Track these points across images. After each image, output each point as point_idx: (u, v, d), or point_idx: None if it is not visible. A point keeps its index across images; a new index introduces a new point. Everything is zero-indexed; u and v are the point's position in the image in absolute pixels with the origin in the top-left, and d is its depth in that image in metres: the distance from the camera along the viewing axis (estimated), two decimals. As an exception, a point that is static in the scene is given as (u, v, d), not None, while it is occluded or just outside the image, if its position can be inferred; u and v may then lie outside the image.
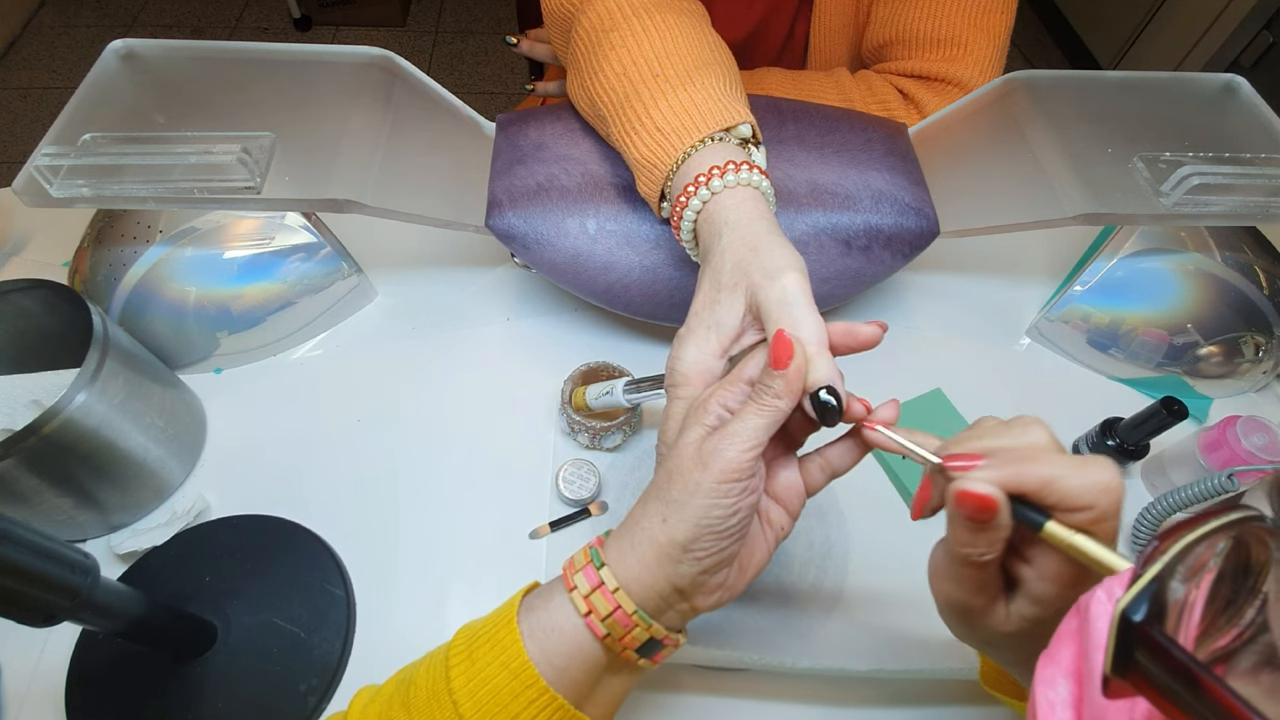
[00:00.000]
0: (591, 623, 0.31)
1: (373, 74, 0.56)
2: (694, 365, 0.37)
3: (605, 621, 0.31)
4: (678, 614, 0.33)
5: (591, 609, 0.31)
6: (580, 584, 0.32)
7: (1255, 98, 0.59)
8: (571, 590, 0.32)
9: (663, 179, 0.45)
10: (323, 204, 0.49)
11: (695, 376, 0.36)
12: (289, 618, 0.46)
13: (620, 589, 0.31)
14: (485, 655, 0.31)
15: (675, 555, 0.31)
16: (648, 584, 0.31)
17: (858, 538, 0.52)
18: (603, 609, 0.31)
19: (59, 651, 0.45)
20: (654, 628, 0.32)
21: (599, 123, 0.52)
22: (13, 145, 1.87)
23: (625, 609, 0.31)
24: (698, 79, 0.45)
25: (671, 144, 0.44)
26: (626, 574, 0.32)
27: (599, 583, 0.32)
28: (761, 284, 0.35)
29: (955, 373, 0.61)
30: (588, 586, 0.32)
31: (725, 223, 0.40)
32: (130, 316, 0.54)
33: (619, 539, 0.33)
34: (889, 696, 0.47)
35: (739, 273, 0.37)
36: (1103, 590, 0.21)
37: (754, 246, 0.37)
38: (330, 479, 0.54)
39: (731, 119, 0.44)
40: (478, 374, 0.60)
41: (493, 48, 2.20)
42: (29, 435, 0.41)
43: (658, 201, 0.47)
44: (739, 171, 0.41)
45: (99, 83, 0.53)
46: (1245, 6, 1.64)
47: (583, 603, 0.31)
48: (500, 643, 0.31)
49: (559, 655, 0.31)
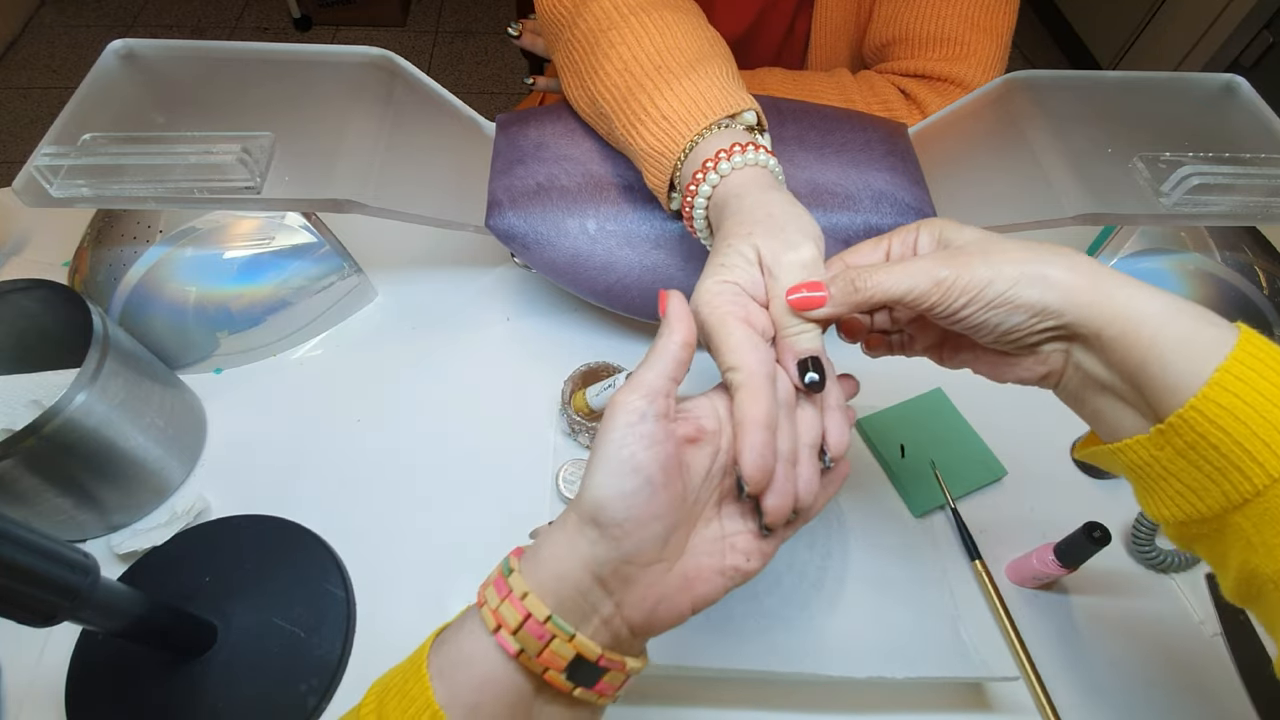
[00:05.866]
0: (502, 639, 0.27)
1: (373, 74, 0.56)
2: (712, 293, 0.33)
3: (516, 635, 0.27)
4: (605, 625, 0.29)
5: (500, 623, 0.27)
6: (490, 598, 0.28)
7: (1255, 98, 0.59)
8: (481, 607, 0.28)
9: (671, 168, 0.44)
10: (323, 204, 0.49)
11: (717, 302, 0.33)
12: (289, 618, 0.46)
13: (530, 594, 0.27)
14: (395, 708, 0.27)
15: (589, 532, 0.28)
16: (564, 577, 0.28)
17: (858, 538, 0.52)
18: (512, 620, 0.27)
19: (59, 651, 0.45)
20: (577, 639, 0.27)
21: (601, 121, 0.52)
22: (13, 145, 1.87)
23: (536, 616, 0.27)
24: (700, 69, 0.46)
25: (679, 131, 0.44)
26: (542, 573, 0.28)
27: (508, 591, 0.28)
28: (779, 251, 0.34)
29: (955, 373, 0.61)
30: (496, 599, 0.28)
31: (737, 196, 0.39)
32: (130, 316, 0.54)
33: (537, 542, 0.30)
34: (889, 704, 0.47)
35: (753, 236, 0.35)
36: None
37: (770, 213, 0.36)
38: (330, 479, 0.54)
39: (737, 105, 0.44)
40: (478, 374, 0.60)
41: (493, 48, 2.20)
42: (29, 435, 0.41)
43: (667, 193, 0.47)
44: (745, 152, 0.41)
45: (99, 83, 0.53)
46: (1245, 6, 1.64)
47: (491, 618, 0.27)
48: (408, 693, 0.27)
49: (468, 690, 0.27)
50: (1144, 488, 0.30)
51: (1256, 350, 0.27)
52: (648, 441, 0.28)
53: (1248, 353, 0.27)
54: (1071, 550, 0.47)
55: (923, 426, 0.57)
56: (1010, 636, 0.48)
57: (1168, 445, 0.28)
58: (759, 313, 0.34)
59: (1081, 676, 0.48)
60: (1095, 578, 0.52)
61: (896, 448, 0.56)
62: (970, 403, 0.59)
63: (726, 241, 0.36)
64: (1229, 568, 0.29)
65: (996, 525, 0.54)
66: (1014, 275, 0.30)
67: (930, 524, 0.54)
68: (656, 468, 0.28)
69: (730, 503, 0.33)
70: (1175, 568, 0.52)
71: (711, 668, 0.44)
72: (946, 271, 0.31)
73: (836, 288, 0.33)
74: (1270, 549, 0.27)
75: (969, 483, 0.55)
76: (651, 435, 0.28)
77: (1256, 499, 0.27)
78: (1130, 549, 0.53)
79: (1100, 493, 0.56)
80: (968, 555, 0.52)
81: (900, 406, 0.59)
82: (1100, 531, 0.45)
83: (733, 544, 0.32)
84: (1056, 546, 0.48)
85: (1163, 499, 0.30)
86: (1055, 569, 0.48)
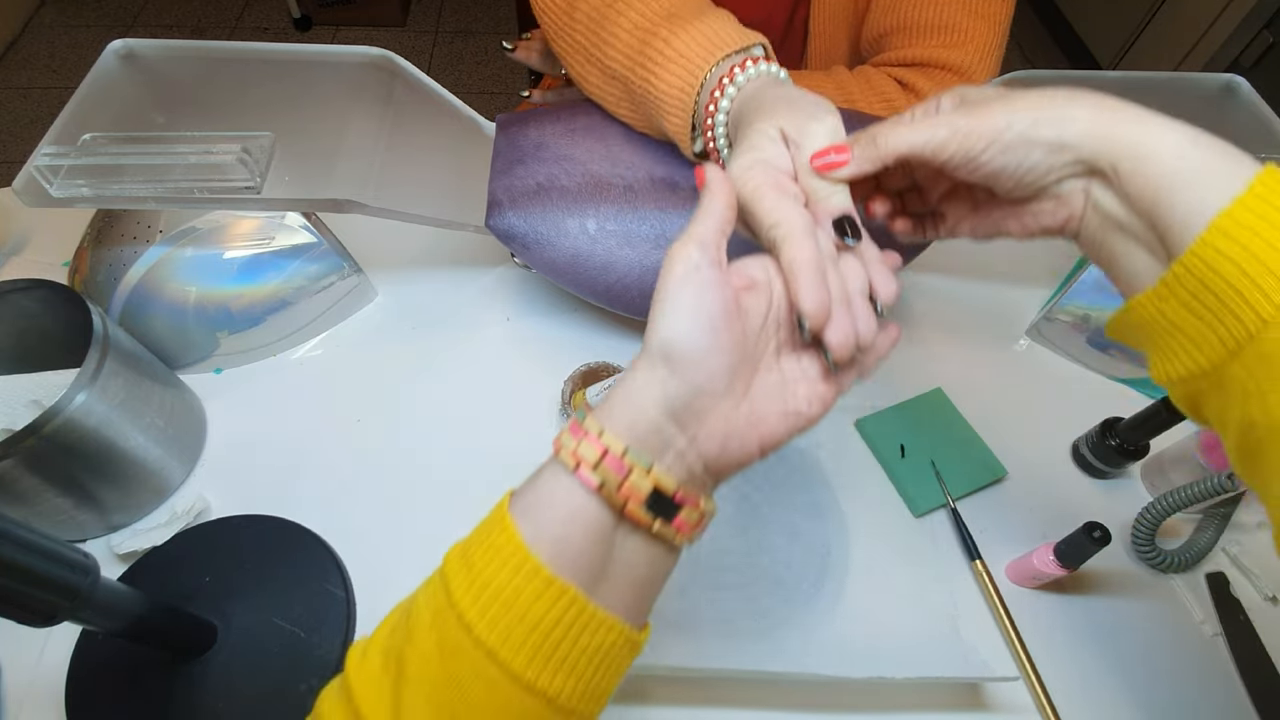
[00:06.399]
0: (582, 474, 0.28)
1: (373, 74, 0.56)
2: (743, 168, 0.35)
3: (596, 470, 0.28)
4: (680, 459, 0.30)
5: (580, 461, 0.28)
6: (566, 442, 0.29)
7: (1255, 98, 0.59)
8: (558, 453, 0.29)
9: (691, 105, 0.46)
10: (323, 204, 0.49)
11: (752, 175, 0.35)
12: (289, 618, 0.46)
13: (606, 431, 0.28)
14: (481, 556, 0.28)
15: (658, 370, 0.29)
16: (638, 417, 0.29)
17: (858, 538, 0.52)
18: (590, 457, 0.28)
19: (59, 651, 0.45)
20: (654, 472, 0.28)
21: (613, 87, 0.53)
22: (13, 145, 1.87)
23: (614, 451, 0.28)
24: (710, 15, 0.48)
25: (697, 66, 0.46)
26: (616, 416, 0.29)
27: (584, 432, 0.29)
28: (802, 124, 0.36)
29: (955, 373, 0.61)
30: (574, 441, 0.29)
31: (754, 97, 0.41)
32: (130, 316, 0.54)
33: (606, 396, 0.30)
34: (889, 704, 0.47)
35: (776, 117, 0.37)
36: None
37: (789, 99, 0.38)
38: (330, 479, 0.54)
39: (749, 39, 0.46)
40: (478, 374, 0.60)
41: (493, 48, 2.20)
42: (29, 435, 0.41)
43: (689, 135, 0.48)
44: (758, 65, 0.43)
45: (99, 83, 0.53)
46: (1245, 6, 1.64)
47: (570, 458, 0.28)
48: (493, 537, 0.28)
49: (554, 524, 0.28)
50: (1152, 346, 0.31)
51: (1273, 188, 0.26)
52: (706, 284, 0.30)
53: (1258, 193, 0.26)
54: (1071, 550, 0.47)
55: (923, 426, 0.57)
56: (1010, 636, 0.48)
57: (1171, 297, 0.28)
58: (789, 184, 0.35)
59: (1081, 676, 0.48)
60: (1095, 578, 0.52)
61: (896, 448, 0.56)
62: (970, 403, 0.59)
63: (751, 127, 0.38)
64: (1230, 426, 0.29)
65: (996, 525, 0.54)
66: (1033, 116, 0.31)
67: (930, 524, 0.54)
68: (719, 307, 0.30)
69: (789, 352, 0.34)
70: (1175, 568, 0.52)
71: (711, 668, 0.44)
72: (965, 120, 0.32)
73: (859, 147, 0.34)
74: (1264, 395, 0.26)
75: (969, 483, 0.55)
76: (709, 279, 0.30)
77: (1250, 343, 0.26)
78: (1130, 549, 0.53)
79: (1100, 493, 0.56)
80: (968, 555, 0.52)
81: (900, 406, 0.59)
82: (1100, 531, 0.45)
83: (794, 391, 0.33)
84: (1056, 546, 0.48)
85: (1168, 356, 0.30)
86: (1055, 569, 0.48)
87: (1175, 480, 0.54)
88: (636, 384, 0.29)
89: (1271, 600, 0.52)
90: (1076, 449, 0.58)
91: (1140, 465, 0.57)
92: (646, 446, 0.29)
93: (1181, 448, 0.54)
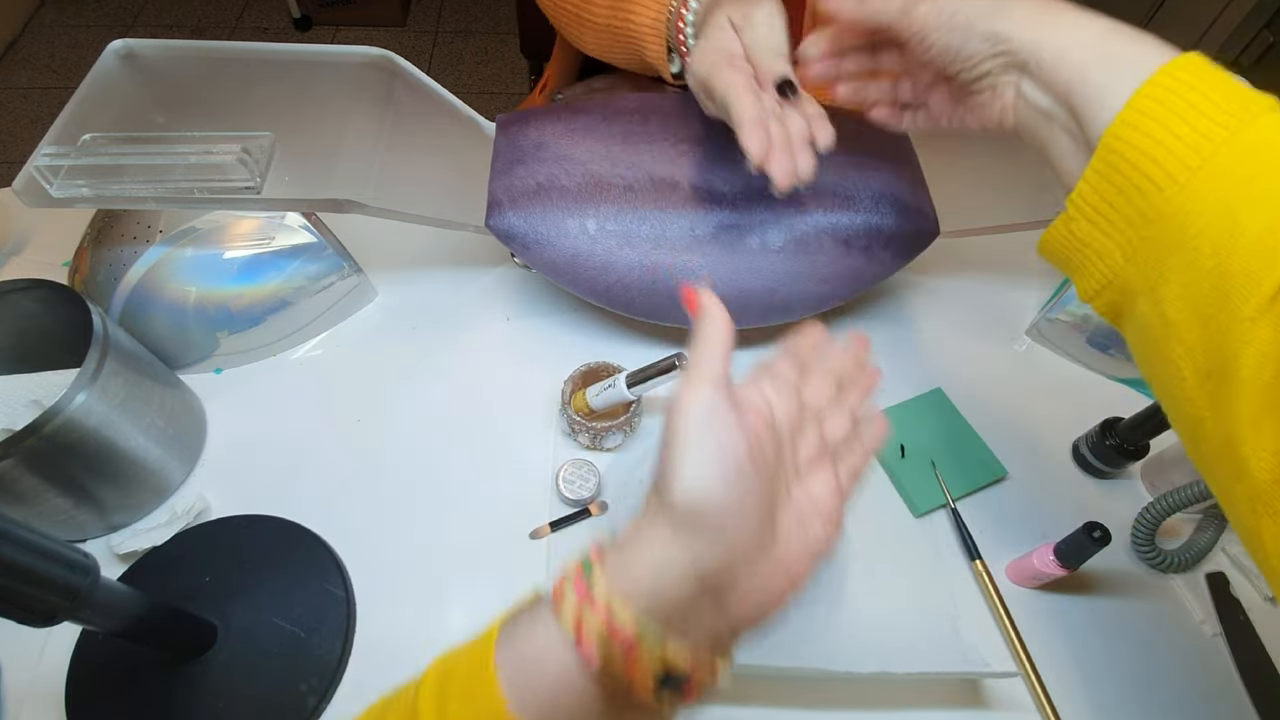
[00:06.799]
0: (585, 649, 0.24)
1: (373, 74, 0.56)
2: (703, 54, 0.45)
3: (601, 645, 0.24)
4: (703, 629, 0.26)
5: (581, 629, 0.25)
6: (568, 599, 0.25)
7: (1255, 98, 0.59)
8: (558, 607, 0.26)
9: (664, 30, 0.52)
10: (323, 204, 0.49)
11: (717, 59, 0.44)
12: (289, 618, 0.46)
13: (615, 603, 0.25)
14: (456, 705, 0.25)
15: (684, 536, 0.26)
16: (663, 583, 0.25)
17: (858, 538, 0.52)
18: (595, 627, 0.24)
19: (59, 651, 0.45)
20: (668, 649, 0.25)
21: (603, 38, 0.58)
22: (13, 145, 1.87)
23: (624, 630, 0.24)
24: None
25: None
26: (635, 581, 0.25)
27: (590, 599, 0.25)
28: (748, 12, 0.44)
29: (955, 373, 0.61)
30: (576, 602, 0.25)
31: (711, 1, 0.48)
32: (130, 316, 0.54)
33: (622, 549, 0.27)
34: (889, 700, 0.47)
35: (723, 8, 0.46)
36: None
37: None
38: (330, 479, 0.54)
39: None
40: (478, 374, 0.60)
41: (493, 48, 2.20)
42: (29, 435, 0.41)
43: (666, 58, 0.54)
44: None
45: (99, 83, 0.53)
46: (1245, 6, 1.64)
47: (571, 625, 0.25)
48: (474, 689, 0.25)
49: (543, 691, 0.25)
50: (1071, 268, 0.35)
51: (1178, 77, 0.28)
52: (727, 427, 0.27)
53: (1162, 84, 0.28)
54: (1071, 550, 0.47)
55: (923, 426, 0.57)
56: (1010, 636, 0.48)
57: (1079, 216, 0.32)
58: (741, 62, 0.44)
59: (1081, 676, 0.48)
60: (1095, 578, 0.52)
61: (896, 448, 0.56)
62: (970, 403, 0.59)
63: (707, 23, 0.47)
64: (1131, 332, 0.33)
65: (996, 525, 0.54)
66: (980, 6, 0.35)
67: (930, 524, 0.54)
68: (743, 450, 0.27)
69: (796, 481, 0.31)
70: (1175, 568, 0.52)
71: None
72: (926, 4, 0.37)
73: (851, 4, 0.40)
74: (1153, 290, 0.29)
75: (969, 483, 0.55)
76: (729, 422, 0.27)
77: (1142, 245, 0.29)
78: (1130, 549, 0.53)
79: (1100, 493, 0.56)
80: (968, 555, 0.52)
81: (900, 406, 0.59)
82: (1100, 531, 0.45)
83: (810, 522, 0.31)
84: (1056, 546, 0.48)
85: (1084, 274, 0.33)
86: (1055, 569, 0.48)
87: (1175, 480, 0.54)
88: (656, 548, 0.26)
89: (1271, 600, 0.52)
90: (1076, 449, 0.58)
91: (1140, 465, 0.57)
92: (668, 622, 0.25)
93: (1181, 448, 0.54)
